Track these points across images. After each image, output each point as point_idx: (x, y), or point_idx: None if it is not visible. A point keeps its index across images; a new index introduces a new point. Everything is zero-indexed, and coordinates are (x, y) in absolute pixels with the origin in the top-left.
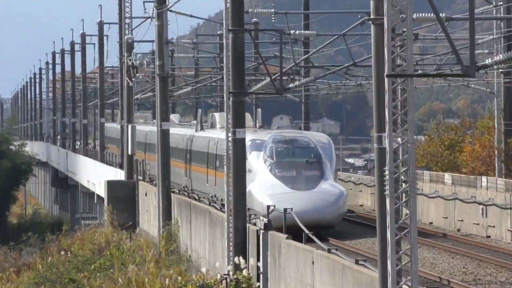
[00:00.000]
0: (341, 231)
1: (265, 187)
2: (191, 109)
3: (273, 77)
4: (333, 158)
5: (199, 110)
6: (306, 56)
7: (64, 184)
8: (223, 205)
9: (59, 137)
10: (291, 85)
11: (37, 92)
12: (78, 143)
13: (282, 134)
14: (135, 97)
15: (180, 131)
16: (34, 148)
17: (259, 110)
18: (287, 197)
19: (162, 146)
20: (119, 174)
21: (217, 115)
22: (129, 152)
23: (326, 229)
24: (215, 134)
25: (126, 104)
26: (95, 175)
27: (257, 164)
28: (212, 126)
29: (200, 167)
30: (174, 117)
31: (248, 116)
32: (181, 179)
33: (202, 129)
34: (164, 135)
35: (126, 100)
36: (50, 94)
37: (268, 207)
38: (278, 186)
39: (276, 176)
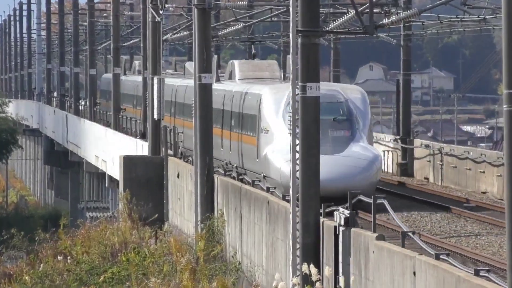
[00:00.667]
0: (453, 229)
1: (283, 151)
2: (243, 55)
3: (360, 9)
4: (367, 115)
5: (215, 57)
6: None
7: (62, 161)
8: (238, 173)
9: (55, 94)
10: (385, 21)
11: (24, 29)
12: (83, 103)
13: None
14: (164, 38)
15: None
16: (19, 110)
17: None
18: None
19: (201, 108)
20: (141, 147)
21: (236, 63)
22: (155, 116)
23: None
24: (231, 87)
25: (151, 48)
26: (106, 148)
27: (275, 123)
28: (231, 77)
29: (214, 128)
30: (190, 66)
31: (275, 64)
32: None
33: (218, 80)
34: (205, 91)
35: (151, 41)
36: (43, 33)
37: (353, 195)
38: None
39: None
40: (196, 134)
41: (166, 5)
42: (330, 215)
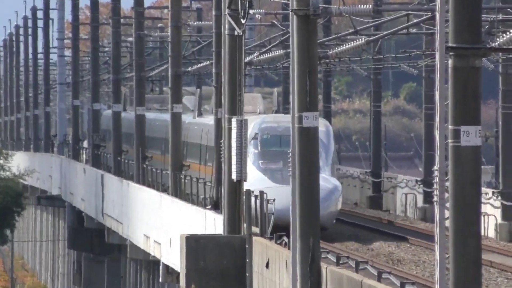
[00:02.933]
0: None
1: (246, 182)
2: (366, 83)
3: None
4: (330, 147)
5: (197, 90)
6: None
7: (95, 244)
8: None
9: (85, 143)
10: None
11: (39, 48)
12: (124, 158)
13: (271, 119)
14: (247, 60)
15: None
16: (32, 167)
17: (275, 90)
18: (270, 193)
19: (303, 162)
20: (212, 222)
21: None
22: (234, 177)
23: None
24: (208, 121)
25: (227, 74)
26: (161, 224)
27: None
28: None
29: (195, 164)
30: (187, 101)
31: (258, 97)
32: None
33: (200, 115)
34: (307, 138)
35: (227, 65)
36: (67, 53)
37: None
38: (261, 180)
39: (260, 169)
40: (294, 201)
41: (251, 11)
42: None
